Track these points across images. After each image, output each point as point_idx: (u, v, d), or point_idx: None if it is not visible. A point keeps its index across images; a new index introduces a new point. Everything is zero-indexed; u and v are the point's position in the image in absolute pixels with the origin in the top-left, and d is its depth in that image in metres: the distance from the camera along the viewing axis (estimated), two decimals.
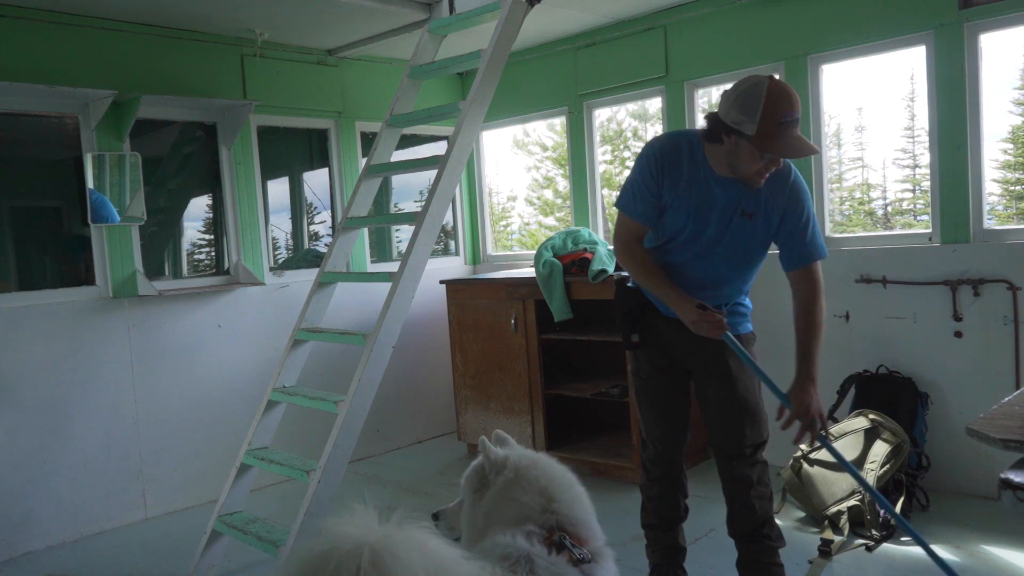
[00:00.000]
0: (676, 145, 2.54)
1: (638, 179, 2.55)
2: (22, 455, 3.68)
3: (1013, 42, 3.57)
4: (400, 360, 4.89)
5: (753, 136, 2.31)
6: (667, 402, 2.72)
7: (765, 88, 2.31)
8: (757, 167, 2.38)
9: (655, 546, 2.86)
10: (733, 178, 2.46)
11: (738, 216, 2.49)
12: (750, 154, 2.35)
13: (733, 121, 2.34)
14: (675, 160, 2.50)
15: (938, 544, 3.17)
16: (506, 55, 3.52)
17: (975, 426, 1.69)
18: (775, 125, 2.29)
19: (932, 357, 3.70)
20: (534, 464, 1.83)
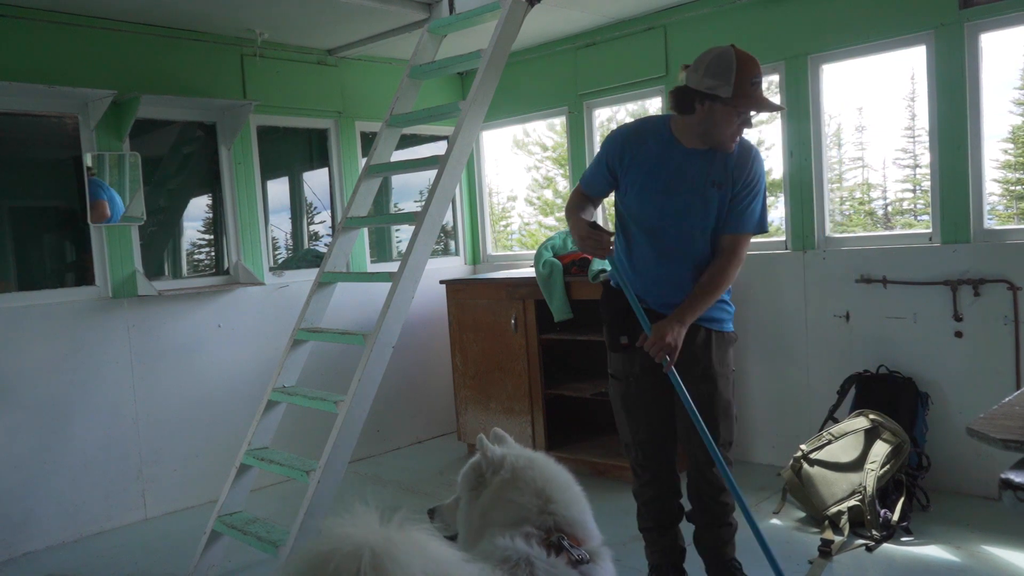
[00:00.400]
0: (641, 126, 2.70)
1: (599, 156, 2.74)
2: (22, 455, 3.68)
3: (1013, 42, 3.57)
4: (400, 360, 4.89)
5: (730, 97, 2.43)
6: (656, 403, 2.72)
7: (733, 54, 2.46)
8: (732, 129, 2.51)
9: (653, 547, 2.87)
10: (702, 149, 2.58)
11: (709, 186, 2.59)
12: (726, 116, 2.48)
13: (707, 87, 2.45)
14: (640, 140, 2.64)
15: (939, 544, 3.17)
16: (506, 55, 3.51)
17: (975, 426, 1.69)
18: (748, 85, 2.45)
19: (932, 357, 3.70)
20: (531, 464, 1.82)
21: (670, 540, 2.85)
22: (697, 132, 2.55)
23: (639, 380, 2.72)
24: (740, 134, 2.55)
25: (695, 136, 2.56)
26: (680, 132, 2.59)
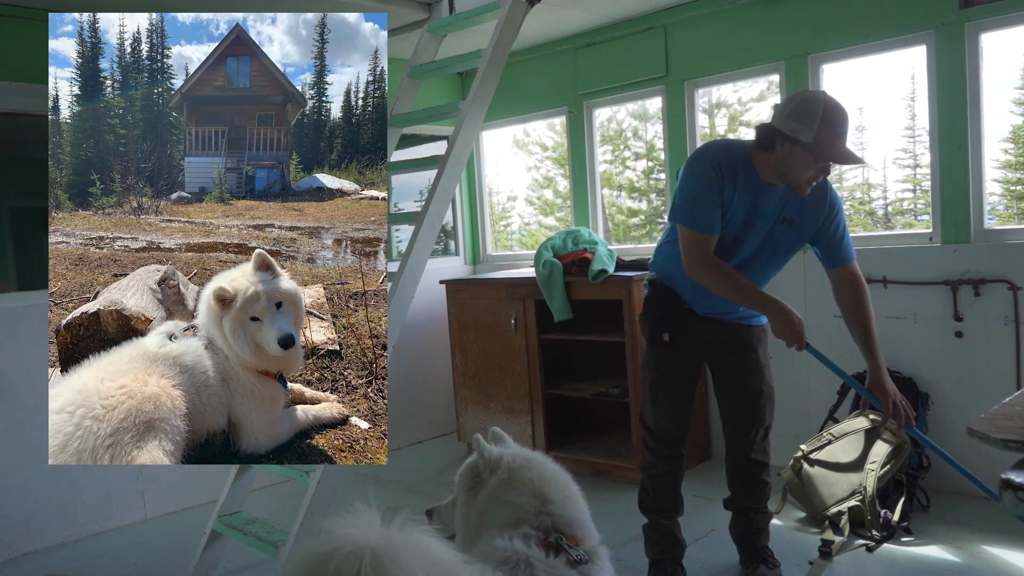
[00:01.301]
0: (730, 150, 2.65)
1: (699, 190, 2.60)
2: (22, 455, 3.67)
3: (1014, 42, 3.57)
4: (400, 360, 4.89)
5: (810, 143, 2.44)
6: (685, 395, 2.90)
7: (822, 100, 2.48)
8: (809, 175, 2.51)
9: (655, 535, 2.95)
10: (778, 186, 2.61)
11: (780, 223, 2.65)
12: (804, 161, 2.48)
13: (790, 129, 2.46)
14: (732, 164, 2.60)
15: (939, 544, 3.17)
16: (506, 55, 3.51)
17: (976, 426, 1.69)
18: (832, 134, 2.45)
19: (932, 357, 3.69)
20: (528, 464, 1.82)
21: (671, 530, 2.94)
22: (775, 170, 2.56)
23: (674, 374, 2.86)
24: (818, 180, 2.56)
25: (773, 173, 2.58)
26: (760, 166, 2.60)
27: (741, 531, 3.03)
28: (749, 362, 2.85)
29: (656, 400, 2.90)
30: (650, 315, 2.84)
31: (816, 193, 2.64)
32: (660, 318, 2.80)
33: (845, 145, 2.50)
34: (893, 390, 2.68)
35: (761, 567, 2.95)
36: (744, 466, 2.95)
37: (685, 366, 2.87)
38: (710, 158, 2.62)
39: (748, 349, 2.85)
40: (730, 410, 2.92)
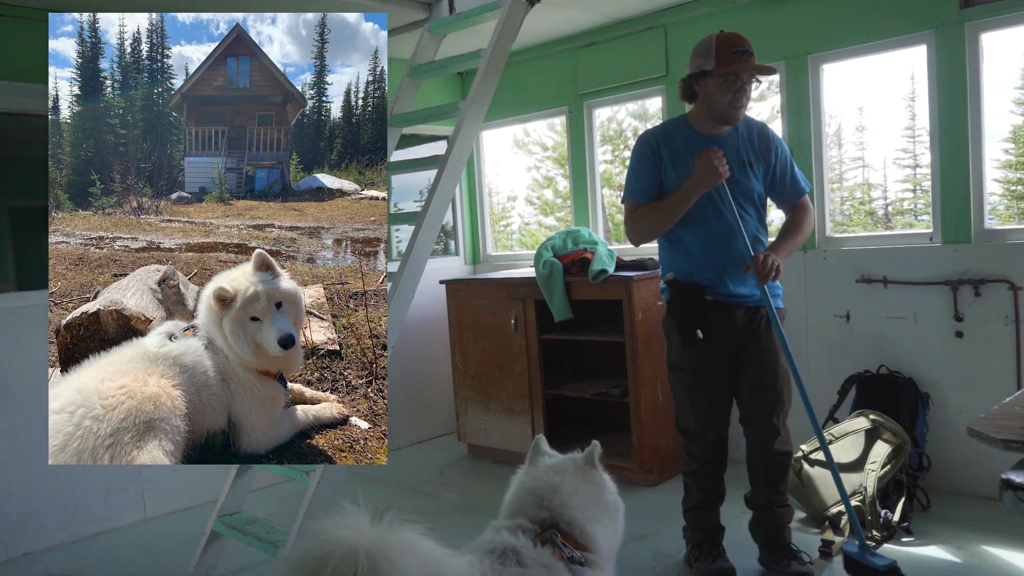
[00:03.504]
0: (664, 126, 2.91)
1: (636, 164, 2.86)
2: (22, 455, 3.67)
3: (1014, 41, 3.57)
4: (400, 360, 4.89)
5: (715, 67, 2.67)
6: (725, 392, 2.92)
7: (715, 33, 2.73)
8: (727, 97, 2.69)
9: (697, 527, 3.01)
10: (721, 135, 2.79)
11: (739, 168, 2.79)
12: (718, 88, 2.69)
13: (696, 67, 2.73)
14: (666, 136, 2.83)
15: (939, 544, 3.16)
16: (506, 55, 3.51)
17: (976, 426, 1.69)
18: (729, 54, 2.67)
19: (933, 357, 3.69)
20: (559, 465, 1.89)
21: (714, 519, 3.02)
22: (705, 112, 2.77)
23: (710, 372, 2.87)
24: (741, 104, 2.72)
25: (707, 120, 2.78)
26: (696, 122, 2.81)
27: (767, 529, 2.97)
28: (764, 346, 2.86)
29: (698, 405, 2.90)
30: (677, 314, 2.84)
31: (761, 130, 2.86)
32: (689, 315, 2.80)
33: (750, 61, 2.68)
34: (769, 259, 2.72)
35: (793, 564, 2.90)
36: (769, 459, 2.91)
37: (722, 364, 2.88)
38: (646, 135, 2.87)
39: (763, 331, 2.87)
40: (751, 400, 2.90)
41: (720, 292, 2.83)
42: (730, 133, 2.83)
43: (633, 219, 2.87)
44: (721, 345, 2.85)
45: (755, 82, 2.74)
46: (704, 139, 2.78)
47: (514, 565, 1.62)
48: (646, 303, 4.05)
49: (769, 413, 2.88)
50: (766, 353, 2.86)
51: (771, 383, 2.86)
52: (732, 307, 2.83)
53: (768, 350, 2.86)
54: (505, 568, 1.61)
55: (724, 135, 2.81)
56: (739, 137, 2.83)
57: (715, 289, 2.83)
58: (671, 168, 2.80)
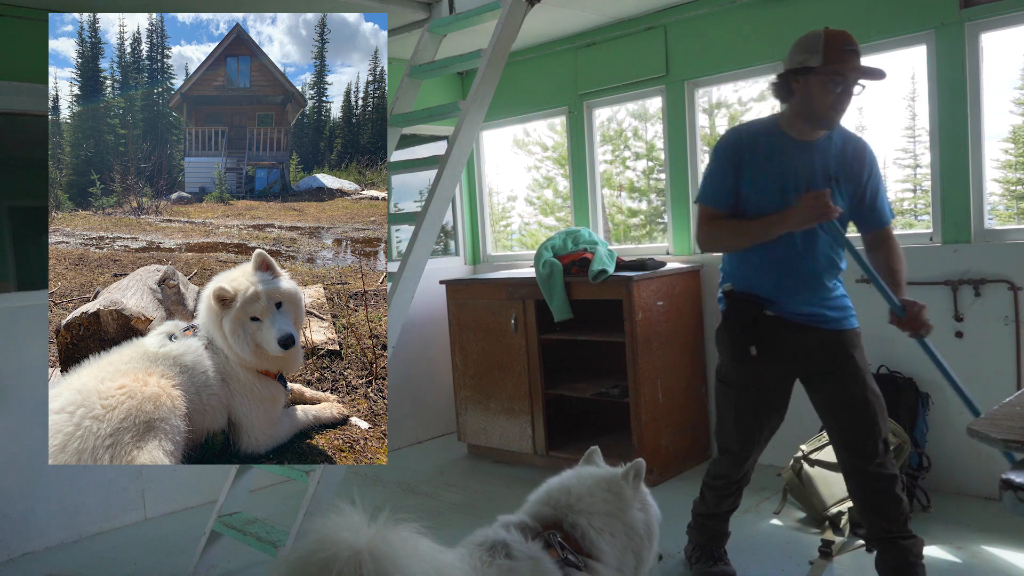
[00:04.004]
0: (750, 128, 2.67)
1: (714, 166, 2.65)
2: (22, 455, 3.67)
3: (1014, 41, 3.57)
4: (400, 360, 4.89)
5: (821, 65, 2.44)
6: (773, 414, 2.75)
7: (823, 29, 2.50)
8: (830, 99, 2.46)
9: (704, 531, 2.96)
10: (814, 141, 2.57)
11: (823, 181, 2.56)
12: (821, 87, 2.46)
13: (799, 62, 2.49)
14: (752, 138, 2.61)
15: (939, 544, 3.16)
16: (506, 55, 3.51)
17: (976, 426, 1.68)
18: (839, 51, 2.44)
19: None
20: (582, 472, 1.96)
21: (723, 526, 2.95)
22: (800, 116, 2.55)
23: (758, 392, 2.71)
24: (843, 107, 2.50)
25: (801, 122, 2.56)
26: (788, 124, 2.59)
27: (895, 565, 2.63)
28: (848, 372, 2.61)
29: (742, 425, 2.73)
30: (731, 329, 2.66)
31: (857, 145, 2.62)
32: (744, 331, 2.62)
33: (859, 60, 2.46)
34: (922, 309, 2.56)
35: None
36: (868, 485, 2.63)
37: (776, 385, 2.70)
38: (729, 136, 2.66)
39: (844, 357, 2.62)
40: (837, 429, 2.66)
41: (784, 309, 2.62)
42: (822, 141, 2.59)
43: (709, 227, 2.64)
44: (777, 364, 2.66)
45: (859, 86, 2.50)
46: (793, 144, 2.56)
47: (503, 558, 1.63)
48: (646, 303, 4.05)
49: (862, 444, 2.60)
50: (851, 382, 2.61)
51: (860, 415, 2.59)
52: (798, 326, 2.61)
53: (853, 378, 2.61)
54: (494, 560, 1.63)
55: (815, 142, 2.58)
56: (831, 147, 2.59)
57: (777, 305, 2.62)
58: (749, 174, 2.58)
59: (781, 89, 2.57)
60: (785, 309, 2.63)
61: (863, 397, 2.60)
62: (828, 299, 2.64)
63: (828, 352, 2.62)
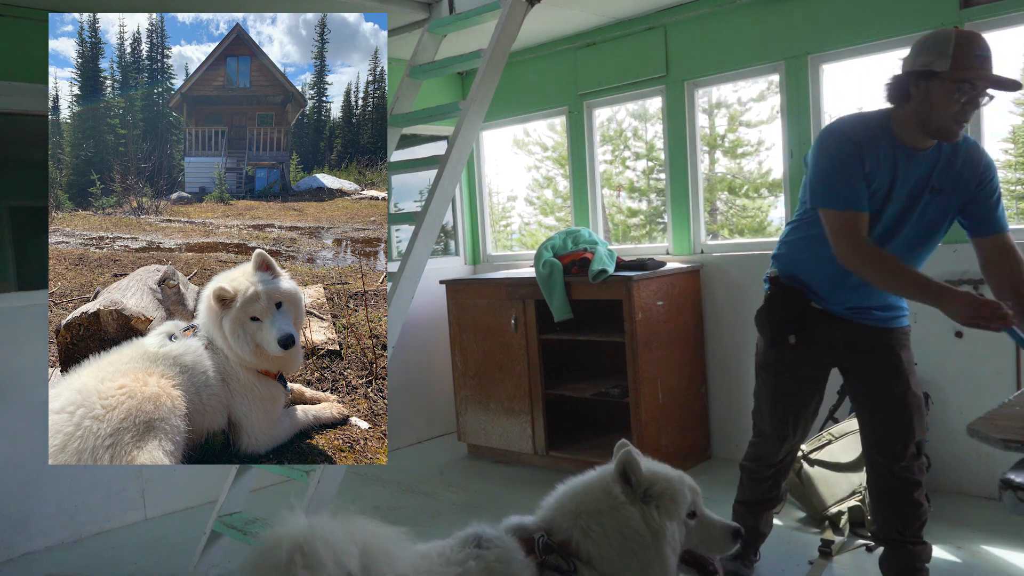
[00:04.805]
0: (866, 120, 2.40)
1: (839, 165, 2.36)
2: (22, 455, 3.67)
3: (1014, 42, 3.57)
4: (400, 360, 4.89)
5: (948, 70, 2.20)
6: (809, 404, 2.72)
7: (953, 29, 2.27)
8: (954, 109, 2.24)
9: (738, 520, 2.82)
10: (926, 151, 2.36)
11: (927, 192, 2.38)
12: (946, 94, 2.22)
13: (923, 64, 2.24)
14: (871, 134, 2.36)
15: (939, 544, 3.17)
16: (506, 55, 3.51)
17: (976, 426, 1.69)
18: (971, 56, 2.21)
19: (932, 357, 3.69)
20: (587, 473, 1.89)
21: (756, 520, 2.86)
22: (916, 123, 2.31)
23: (798, 380, 2.67)
24: (967, 119, 2.28)
25: (915, 129, 2.32)
26: (900, 130, 2.35)
27: (900, 569, 2.61)
28: (889, 368, 2.52)
29: (776, 410, 2.71)
30: (772, 315, 2.60)
31: (970, 154, 2.39)
32: (785, 319, 2.57)
33: (992, 69, 2.22)
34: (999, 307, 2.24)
35: None
36: (889, 485, 2.57)
37: (812, 374, 2.66)
38: (846, 130, 2.39)
39: (887, 352, 2.53)
40: (870, 424, 2.60)
41: (831, 303, 2.55)
42: (930, 151, 2.38)
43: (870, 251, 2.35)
44: (816, 355, 2.61)
45: (986, 97, 2.28)
46: (904, 153, 2.35)
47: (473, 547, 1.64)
48: (646, 303, 4.05)
49: (891, 444, 2.54)
50: (891, 379, 2.51)
51: (896, 414, 2.51)
52: (842, 320, 2.54)
53: (894, 376, 2.51)
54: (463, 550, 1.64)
55: (925, 153, 2.37)
56: (940, 157, 2.38)
57: (824, 300, 2.55)
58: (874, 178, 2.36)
59: (897, 91, 2.33)
60: (832, 303, 2.55)
61: (902, 397, 2.52)
62: (878, 297, 2.52)
63: (873, 349, 2.54)
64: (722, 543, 1.87)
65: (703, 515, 1.87)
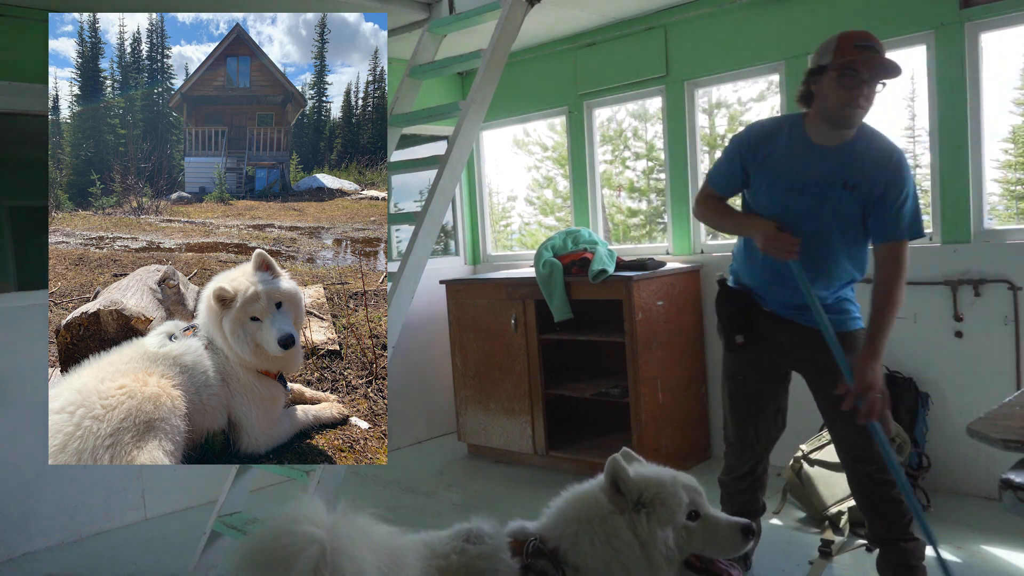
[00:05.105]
0: (774, 123, 2.65)
1: (726, 153, 2.66)
2: (22, 455, 3.67)
3: (1014, 42, 3.57)
4: (400, 360, 4.89)
5: (832, 61, 2.39)
6: (765, 408, 2.73)
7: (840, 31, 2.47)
8: (843, 95, 2.39)
9: None
10: (834, 147, 2.48)
11: (840, 188, 2.48)
12: (834, 83, 2.40)
13: (815, 63, 2.47)
14: (771, 135, 2.58)
15: (939, 544, 3.17)
16: (506, 55, 3.51)
17: (976, 426, 1.69)
18: (851, 48, 2.39)
19: (933, 357, 3.69)
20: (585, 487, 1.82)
21: None
22: (820, 118, 2.48)
23: (747, 382, 2.71)
24: (857, 104, 2.40)
25: (822, 125, 2.48)
26: (812, 128, 2.52)
27: (895, 568, 2.63)
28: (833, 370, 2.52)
29: (736, 415, 2.75)
30: (721, 317, 2.72)
31: (881, 155, 2.47)
32: (731, 319, 2.66)
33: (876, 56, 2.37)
34: (875, 381, 2.39)
35: None
36: (866, 487, 2.60)
37: (766, 374, 2.69)
38: (743, 132, 2.65)
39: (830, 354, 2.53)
40: (834, 428, 2.64)
41: (775, 304, 2.63)
42: (845, 146, 2.49)
43: (700, 202, 2.74)
44: (769, 357, 2.67)
45: (879, 84, 2.43)
46: (812, 148, 2.50)
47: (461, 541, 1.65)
48: (646, 303, 4.05)
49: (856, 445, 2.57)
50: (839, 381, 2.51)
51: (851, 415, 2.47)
52: (789, 322, 2.60)
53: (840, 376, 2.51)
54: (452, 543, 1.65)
55: (837, 148, 2.49)
56: (852, 154, 2.48)
57: (766, 300, 2.64)
58: (761, 170, 2.56)
59: (802, 94, 2.53)
60: (772, 302, 2.63)
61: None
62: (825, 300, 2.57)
63: (819, 351, 2.53)
64: (731, 543, 1.78)
65: (707, 515, 1.78)
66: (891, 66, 2.40)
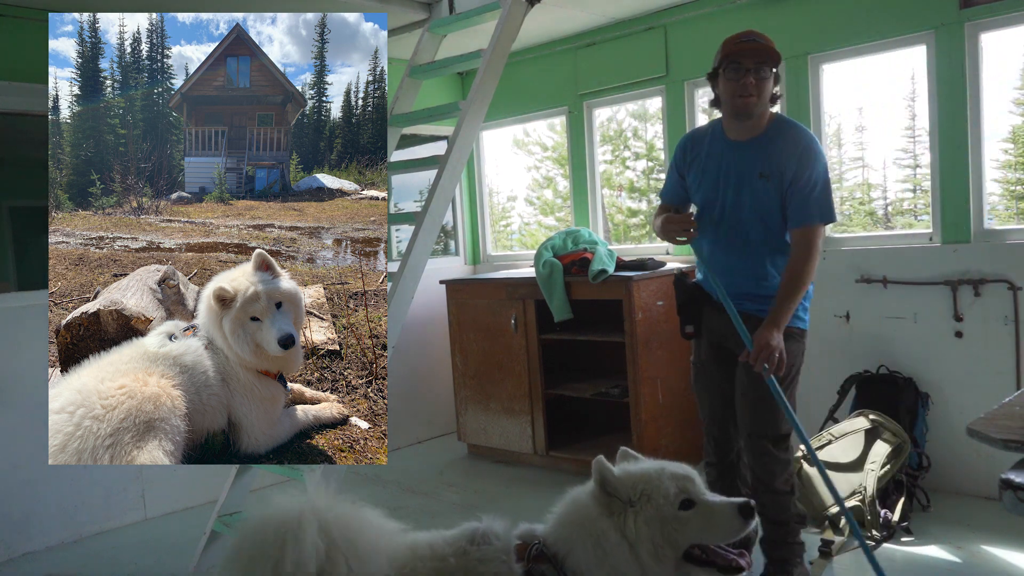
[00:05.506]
0: (704, 127, 2.91)
1: (670, 164, 2.95)
2: (22, 455, 3.67)
3: (1014, 41, 3.57)
4: (400, 360, 4.89)
5: (719, 60, 2.65)
6: (717, 387, 2.86)
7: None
8: (733, 87, 2.61)
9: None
10: (747, 141, 2.69)
11: (756, 178, 2.66)
12: (724, 78, 2.64)
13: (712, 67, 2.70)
14: (698, 139, 2.85)
15: (939, 544, 3.17)
16: (506, 55, 3.51)
17: (976, 426, 1.69)
18: (731, 44, 2.64)
19: (933, 357, 3.69)
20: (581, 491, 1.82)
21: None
22: (727, 115, 2.72)
23: (704, 366, 2.89)
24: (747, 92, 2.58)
25: (731, 122, 2.71)
26: (727, 127, 2.76)
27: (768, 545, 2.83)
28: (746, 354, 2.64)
29: (700, 401, 2.94)
30: (677, 310, 2.91)
31: (788, 143, 2.63)
32: (680, 310, 2.88)
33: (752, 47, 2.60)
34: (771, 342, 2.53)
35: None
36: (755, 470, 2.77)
37: (722, 359, 2.82)
38: (681, 139, 2.94)
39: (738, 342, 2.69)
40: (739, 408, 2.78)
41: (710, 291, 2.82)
42: (756, 140, 2.67)
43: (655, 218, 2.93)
44: (707, 341, 2.86)
45: (767, 70, 2.58)
46: (728, 145, 2.73)
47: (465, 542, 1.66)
48: (646, 303, 4.05)
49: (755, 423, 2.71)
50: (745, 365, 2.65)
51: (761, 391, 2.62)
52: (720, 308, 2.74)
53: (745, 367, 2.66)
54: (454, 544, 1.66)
55: (750, 142, 2.68)
56: (765, 145, 2.66)
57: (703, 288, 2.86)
58: (693, 172, 2.82)
59: (713, 99, 2.76)
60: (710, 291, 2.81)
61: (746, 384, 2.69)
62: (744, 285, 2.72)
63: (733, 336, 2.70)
64: (729, 525, 1.72)
65: (702, 501, 1.74)
66: (769, 52, 2.60)
